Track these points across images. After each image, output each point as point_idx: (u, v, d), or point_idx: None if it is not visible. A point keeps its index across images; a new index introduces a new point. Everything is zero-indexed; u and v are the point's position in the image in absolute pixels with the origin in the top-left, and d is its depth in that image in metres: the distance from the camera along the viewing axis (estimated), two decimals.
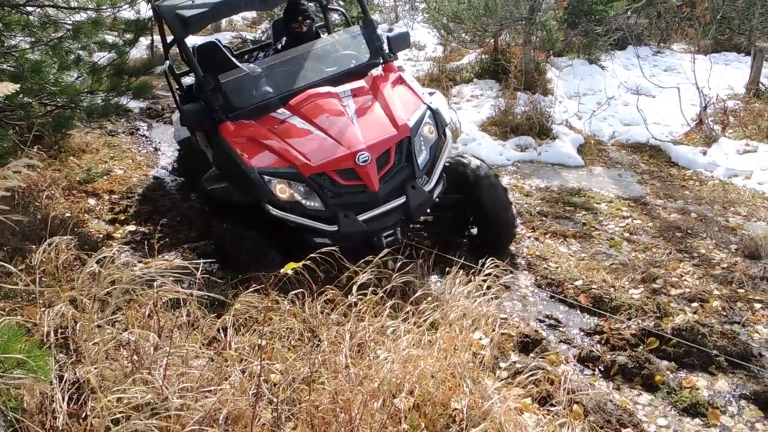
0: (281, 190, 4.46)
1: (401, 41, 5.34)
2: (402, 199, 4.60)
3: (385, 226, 4.57)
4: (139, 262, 4.85)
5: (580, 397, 3.43)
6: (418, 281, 4.06)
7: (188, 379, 2.66)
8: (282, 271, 2.28)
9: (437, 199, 4.86)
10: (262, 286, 3.30)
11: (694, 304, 4.56)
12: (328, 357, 2.95)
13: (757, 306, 4.57)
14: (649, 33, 13.72)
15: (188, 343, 2.93)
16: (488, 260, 3.82)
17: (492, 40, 10.68)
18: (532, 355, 3.95)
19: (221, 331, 3.16)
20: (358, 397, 2.68)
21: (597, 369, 3.91)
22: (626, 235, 5.77)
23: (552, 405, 3.28)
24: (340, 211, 4.49)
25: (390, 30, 14.07)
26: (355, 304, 3.34)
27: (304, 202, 4.50)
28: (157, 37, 13.50)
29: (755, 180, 7.04)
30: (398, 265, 3.77)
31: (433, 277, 4.69)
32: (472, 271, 3.72)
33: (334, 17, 8.37)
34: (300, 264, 2.36)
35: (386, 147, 4.63)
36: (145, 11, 6.36)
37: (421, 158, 4.73)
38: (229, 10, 5.38)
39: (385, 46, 5.30)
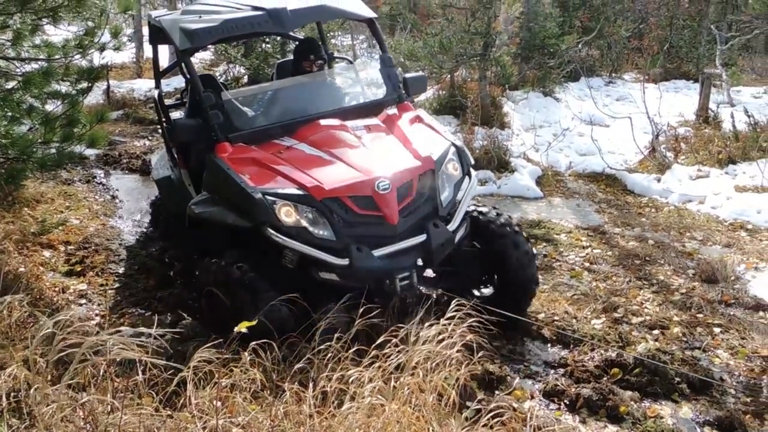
0: (287, 213, 3.98)
1: (418, 84, 5.16)
2: (422, 237, 4.16)
3: (402, 266, 4.12)
4: (96, 315, 4.78)
5: None
6: (384, 324, 3.97)
7: None
8: (236, 330, 2.24)
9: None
10: (222, 339, 3.22)
11: (655, 332, 4.64)
12: (291, 408, 2.90)
13: (717, 330, 4.67)
14: (601, 64, 14.15)
15: (145, 403, 2.85)
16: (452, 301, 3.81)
17: (448, 77, 10.87)
18: (497, 392, 3.94)
19: (181, 386, 3.08)
20: None
21: (562, 403, 3.91)
22: (587, 264, 5.84)
23: None
24: (353, 244, 4.01)
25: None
26: (319, 351, 3.30)
27: (311, 229, 4.01)
28: (113, 81, 13.56)
29: (709, 204, 7.23)
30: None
31: (399, 320, 4.62)
32: (436, 314, 3.69)
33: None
34: (254, 322, 2.33)
35: (409, 178, 4.22)
36: (99, 59, 6.29)
37: (444, 195, 4.36)
38: (240, 28, 4.84)
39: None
